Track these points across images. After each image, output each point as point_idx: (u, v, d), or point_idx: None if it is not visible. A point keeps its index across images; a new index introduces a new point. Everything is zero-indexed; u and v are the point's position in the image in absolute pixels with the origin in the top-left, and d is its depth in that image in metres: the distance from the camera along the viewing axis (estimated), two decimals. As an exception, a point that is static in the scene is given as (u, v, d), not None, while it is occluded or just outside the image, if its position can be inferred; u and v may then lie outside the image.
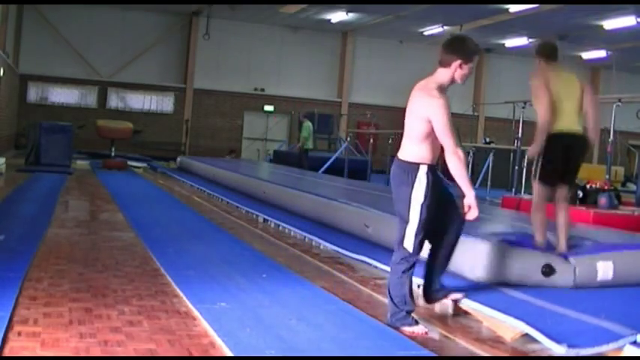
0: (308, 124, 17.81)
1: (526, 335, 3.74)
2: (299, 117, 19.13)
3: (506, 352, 3.69)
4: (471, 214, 3.95)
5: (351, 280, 5.28)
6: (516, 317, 3.83)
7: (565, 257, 4.83)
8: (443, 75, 4.05)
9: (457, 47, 4.05)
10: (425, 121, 3.94)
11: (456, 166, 3.92)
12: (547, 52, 5.24)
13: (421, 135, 3.98)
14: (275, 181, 10.77)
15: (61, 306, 3.94)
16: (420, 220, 3.95)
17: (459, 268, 5.00)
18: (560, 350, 3.47)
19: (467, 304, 4.28)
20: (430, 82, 4.05)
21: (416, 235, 3.97)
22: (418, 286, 4.90)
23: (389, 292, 4.02)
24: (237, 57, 24.63)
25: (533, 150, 5.02)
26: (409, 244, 3.97)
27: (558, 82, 5.09)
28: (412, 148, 4.02)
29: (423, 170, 3.98)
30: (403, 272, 3.98)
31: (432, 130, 3.93)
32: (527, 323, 3.74)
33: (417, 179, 3.96)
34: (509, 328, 3.83)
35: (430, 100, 3.95)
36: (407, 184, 3.97)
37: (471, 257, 4.90)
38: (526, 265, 4.78)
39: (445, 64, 4.04)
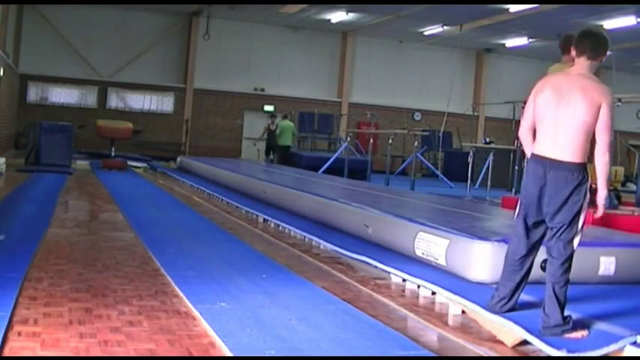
0: (280, 123, 19.69)
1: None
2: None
3: (506, 352, 3.69)
4: (599, 212, 3.91)
5: (351, 280, 5.28)
6: (515, 322, 3.81)
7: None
8: (593, 68, 3.91)
9: (605, 42, 3.94)
10: (598, 109, 3.74)
11: (605, 165, 3.81)
12: None
13: (591, 126, 3.76)
14: (275, 181, 10.77)
15: (61, 306, 3.94)
16: (584, 219, 3.85)
17: (459, 268, 5.01)
18: (560, 355, 3.47)
19: (467, 305, 4.27)
20: (584, 71, 3.89)
21: (582, 235, 3.87)
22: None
23: (557, 302, 3.72)
24: (237, 57, 24.64)
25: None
26: (577, 242, 3.84)
27: None
28: (578, 146, 3.79)
29: (587, 172, 3.83)
30: (568, 277, 3.78)
31: (596, 121, 3.76)
32: (527, 327, 3.72)
33: (587, 182, 3.82)
34: (508, 332, 3.81)
35: (603, 88, 3.81)
36: (579, 190, 3.80)
37: (471, 257, 4.90)
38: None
39: (597, 57, 3.90)
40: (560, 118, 3.82)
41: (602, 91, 3.79)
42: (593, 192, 3.90)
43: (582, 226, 3.87)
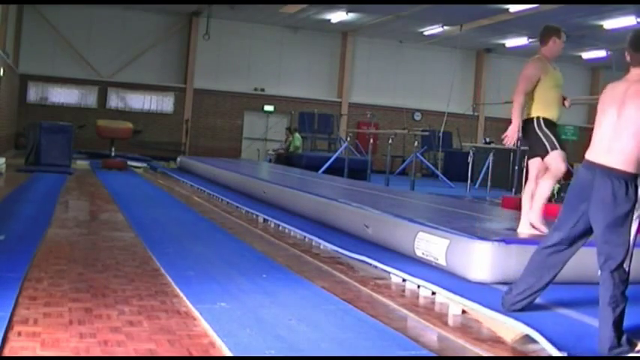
0: (295, 135, 20.56)
1: (526, 335, 3.74)
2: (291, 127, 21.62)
3: (506, 352, 3.69)
4: None
5: (351, 280, 5.27)
6: (516, 318, 3.82)
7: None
8: None
9: None
10: None
11: None
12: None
13: None
14: (275, 181, 10.77)
15: (61, 306, 3.94)
16: (636, 236, 3.61)
17: (459, 268, 5.01)
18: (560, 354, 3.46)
19: (467, 304, 4.28)
20: None
21: (633, 252, 3.62)
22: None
23: (614, 327, 3.50)
24: (237, 57, 24.65)
25: None
26: (628, 263, 3.59)
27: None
28: (632, 155, 3.55)
29: (636, 184, 3.59)
30: (625, 298, 3.57)
31: None
32: (528, 324, 3.74)
33: (636, 194, 3.55)
34: (509, 329, 3.83)
35: None
36: (627, 201, 3.54)
37: (471, 257, 4.90)
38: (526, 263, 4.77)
39: None
40: (617, 125, 3.65)
41: None
42: None
43: (634, 245, 3.62)
